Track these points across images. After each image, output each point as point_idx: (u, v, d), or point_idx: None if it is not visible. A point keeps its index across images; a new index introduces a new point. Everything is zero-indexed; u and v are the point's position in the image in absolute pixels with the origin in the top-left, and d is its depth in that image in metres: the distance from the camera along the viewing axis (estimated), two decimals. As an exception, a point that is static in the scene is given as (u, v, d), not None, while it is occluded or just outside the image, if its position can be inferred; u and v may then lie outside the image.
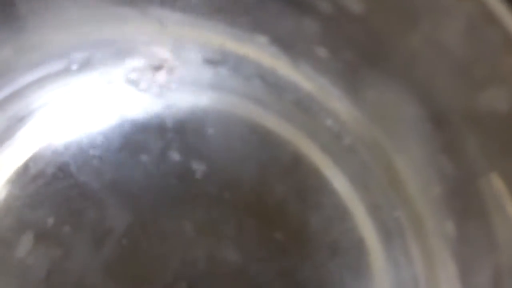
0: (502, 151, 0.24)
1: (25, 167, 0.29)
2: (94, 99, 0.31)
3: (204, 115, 0.30)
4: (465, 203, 0.26)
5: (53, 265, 0.28)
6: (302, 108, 0.30)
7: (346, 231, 0.29)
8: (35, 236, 0.28)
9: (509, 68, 0.23)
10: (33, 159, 0.30)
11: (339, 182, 0.30)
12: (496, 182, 0.25)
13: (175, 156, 0.30)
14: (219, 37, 0.30)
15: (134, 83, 0.31)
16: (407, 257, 0.29)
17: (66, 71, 0.30)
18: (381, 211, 0.30)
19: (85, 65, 0.30)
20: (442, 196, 0.27)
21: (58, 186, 0.29)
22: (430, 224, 0.28)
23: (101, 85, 0.31)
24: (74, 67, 0.30)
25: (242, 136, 0.30)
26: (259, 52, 0.30)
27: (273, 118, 0.30)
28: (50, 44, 0.29)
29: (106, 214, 0.28)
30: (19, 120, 0.30)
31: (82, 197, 0.29)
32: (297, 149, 0.30)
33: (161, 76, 0.31)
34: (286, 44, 0.29)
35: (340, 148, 0.30)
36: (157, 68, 0.31)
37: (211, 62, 0.30)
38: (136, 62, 0.31)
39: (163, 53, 0.30)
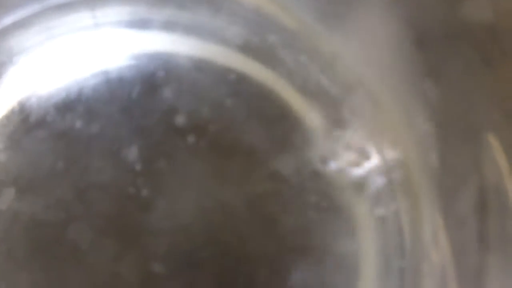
0: (485, 66, 0.23)
1: (8, 116, 0.29)
2: (78, 44, 0.30)
3: (186, 62, 0.29)
4: (449, 130, 0.25)
5: (35, 218, 0.27)
6: (285, 50, 0.29)
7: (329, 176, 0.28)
8: (17, 188, 0.27)
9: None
10: (17, 107, 0.29)
11: (320, 125, 0.29)
12: (481, 106, 0.24)
13: (162, 105, 0.28)
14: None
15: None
16: (392, 196, 0.28)
17: (45, 13, 0.30)
18: (365, 152, 0.28)
19: (68, 5, 0.30)
20: (426, 126, 0.26)
21: (42, 135, 0.28)
22: (415, 160, 0.27)
23: (87, 28, 0.30)
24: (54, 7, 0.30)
25: (226, 82, 0.29)
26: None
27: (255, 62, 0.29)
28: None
29: (91, 164, 0.27)
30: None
31: (67, 147, 0.28)
32: (276, 92, 0.29)
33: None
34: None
35: (321, 90, 0.29)
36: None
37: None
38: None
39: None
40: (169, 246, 0.26)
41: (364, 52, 0.27)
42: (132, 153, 0.27)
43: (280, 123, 0.28)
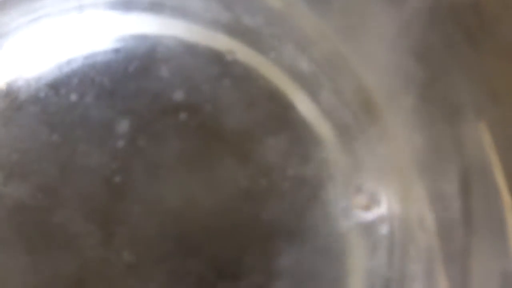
0: (469, 44, 0.23)
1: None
2: (63, 26, 0.29)
3: (173, 43, 0.29)
4: (432, 110, 0.25)
5: (21, 202, 0.27)
6: (272, 31, 0.29)
7: (315, 157, 0.28)
8: (3, 172, 0.27)
9: None
10: (3, 90, 0.28)
11: (307, 107, 0.28)
12: (464, 84, 0.24)
13: (150, 87, 0.28)
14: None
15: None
16: (379, 178, 0.27)
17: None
18: (351, 134, 0.28)
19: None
20: (410, 106, 0.26)
21: (28, 119, 0.28)
22: (401, 140, 0.27)
23: (72, 10, 0.29)
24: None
25: (214, 64, 0.29)
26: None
27: (243, 44, 0.29)
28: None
29: (78, 148, 0.27)
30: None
31: (53, 131, 0.27)
32: (262, 74, 0.28)
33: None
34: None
35: (307, 71, 0.28)
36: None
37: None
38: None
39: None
40: (157, 230, 0.26)
41: (349, 33, 0.27)
42: (120, 136, 0.27)
43: (268, 105, 0.28)
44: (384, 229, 0.27)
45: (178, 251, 0.26)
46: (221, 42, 0.28)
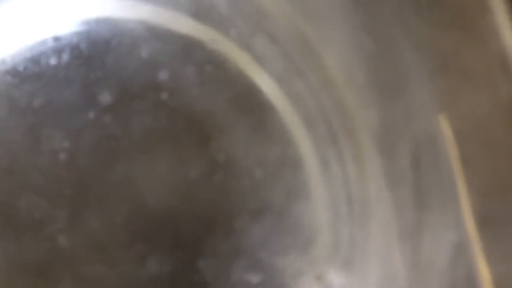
0: (417, 15, 0.23)
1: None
2: (26, 9, 0.29)
3: (137, 27, 0.29)
4: (385, 84, 0.25)
5: None
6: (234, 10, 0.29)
7: (279, 142, 0.28)
8: None
9: None
10: None
11: (272, 91, 0.28)
12: (411, 55, 0.23)
13: (114, 72, 0.28)
14: None
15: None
16: (340, 163, 0.27)
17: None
18: (313, 116, 0.28)
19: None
20: (365, 82, 0.26)
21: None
22: (358, 117, 0.26)
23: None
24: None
25: (179, 48, 0.28)
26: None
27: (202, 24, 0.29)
28: None
29: (44, 134, 0.27)
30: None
31: (19, 116, 0.27)
32: (227, 56, 0.28)
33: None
34: None
35: (272, 52, 0.28)
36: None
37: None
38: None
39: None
40: (124, 212, 0.26)
41: (306, 9, 0.27)
42: (85, 121, 0.27)
43: (233, 89, 0.27)
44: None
45: (144, 233, 0.26)
46: (185, 26, 0.28)
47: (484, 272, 0.23)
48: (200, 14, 0.28)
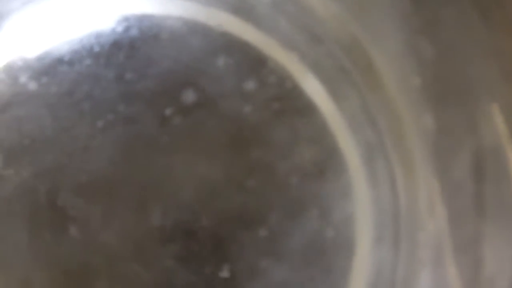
0: (481, 20, 0.22)
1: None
2: (64, 6, 0.28)
3: (177, 23, 0.28)
4: (443, 89, 0.24)
5: (22, 185, 0.26)
6: (278, 11, 0.28)
7: (323, 144, 0.27)
8: (4, 153, 0.26)
9: None
10: (3, 72, 0.27)
11: (317, 93, 0.27)
12: (477, 63, 0.23)
13: (154, 68, 0.27)
14: None
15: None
16: (387, 168, 0.27)
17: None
18: (360, 120, 0.27)
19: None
20: (420, 87, 0.25)
21: (29, 100, 0.27)
22: (409, 123, 0.26)
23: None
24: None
25: (219, 44, 0.28)
26: None
27: (244, 23, 0.28)
28: None
29: (80, 130, 0.26)
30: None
31: (56, 111, 0.27)
32: (269, 55, 0.27)
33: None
34: None
35: (317, 53, 0.28)
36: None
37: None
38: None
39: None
40: (164, 212, 0.26)
41: (358, 11, 0.26)
42: (123, 117, 0.26)
43: (275, 89, 0.27)
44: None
45: (180, 233, 0.26)
46: (226, 22, 0.27)
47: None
48: (242, 11, 0.27)
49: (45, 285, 0.26)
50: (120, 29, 0.28)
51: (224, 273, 0.26)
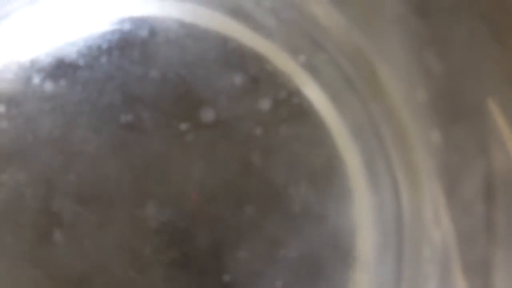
0: (494, 39, 0.21)
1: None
2: (61, 8, 0.28)
3: (174, 26, 0.27)
4: (452, 105, 0.23)
5: (17, 190, 0.26)
6: (279, 17, 0.27)
7: (325, 152, 0.27)
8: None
9: None
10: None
11: (319, 99, 0.27)
12: (487, 80, 0.22)
13: (151, 71, 0.27)
14: None
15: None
16: (391, 178, 0.26)
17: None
18: (363, 129, 0.27)
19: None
20: (427, 101, 0.24)
21: (25, 105, 0.26)
22: (415, 136, 0.25)
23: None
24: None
25: (217, 47, 0.27)
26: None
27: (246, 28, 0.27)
28: None
29: (76, 134, 0.26)
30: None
31: (51, 116, 0.26)
32: (273, 62, 0.27)
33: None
34: None
35: (320, 61, 0.27)
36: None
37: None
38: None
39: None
40: (160, 217, 0.26)
41: (364, 22, 0.25)
42: (119, 121, 0.26)
43: (278, 95, 0.27)
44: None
45: (177, 239, 0.26)
46: (224, 25, 0.27)
47: None
48: (241, 17, 0.27)
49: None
50: (124, 29, 0.27)
51: (222, 280, 0.26)
